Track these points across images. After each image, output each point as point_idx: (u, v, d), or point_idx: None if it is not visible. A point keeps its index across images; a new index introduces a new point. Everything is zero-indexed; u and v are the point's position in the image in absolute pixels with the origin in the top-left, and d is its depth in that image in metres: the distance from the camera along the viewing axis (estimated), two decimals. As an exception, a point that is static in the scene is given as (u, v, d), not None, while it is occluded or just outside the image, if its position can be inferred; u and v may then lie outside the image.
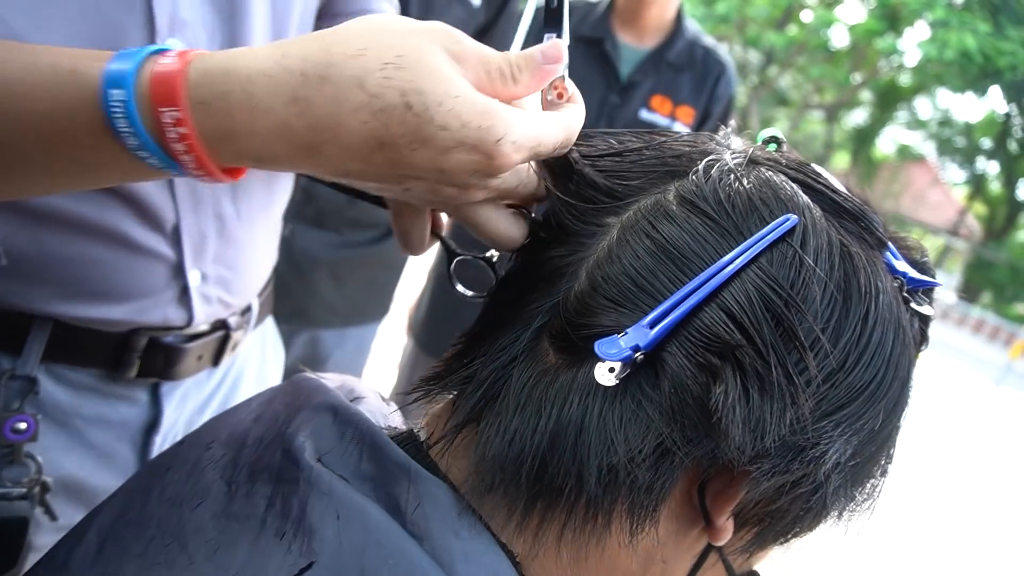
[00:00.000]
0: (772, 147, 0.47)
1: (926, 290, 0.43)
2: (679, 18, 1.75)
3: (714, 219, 0.38)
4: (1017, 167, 19.39)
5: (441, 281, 1.76)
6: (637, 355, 0.35)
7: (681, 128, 1.76)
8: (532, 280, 0.41)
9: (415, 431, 0.43)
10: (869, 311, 0.37)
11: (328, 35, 0.38)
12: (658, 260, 0.37)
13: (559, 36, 0.43)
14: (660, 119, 1.73)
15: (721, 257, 0.36)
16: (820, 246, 0.37)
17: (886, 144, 23.23)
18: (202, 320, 0.70)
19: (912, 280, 0.41)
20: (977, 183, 21.85)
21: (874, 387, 0.37)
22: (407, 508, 0.36)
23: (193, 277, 0.67)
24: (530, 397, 0.38)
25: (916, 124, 21.68)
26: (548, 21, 0.44)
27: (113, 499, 0.47)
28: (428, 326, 1.77)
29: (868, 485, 0.41)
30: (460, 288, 0.49)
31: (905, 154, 22.69)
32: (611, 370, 0.36)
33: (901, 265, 0.42)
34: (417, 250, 0.49)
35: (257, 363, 0.87)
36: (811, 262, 0.36)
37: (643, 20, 1.70)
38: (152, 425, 0.72)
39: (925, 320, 0.43)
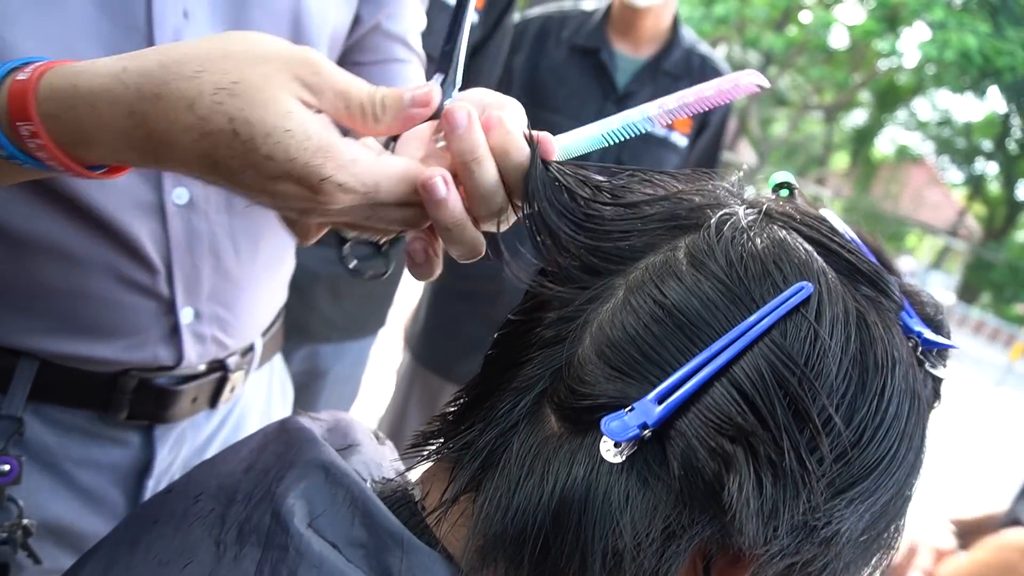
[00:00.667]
0: (784, 192, 0.45)
1: (940, 350, 0.41)
2: (675, 26, 1.74)
3: (726, 284, 0.36)
4: (1016, 168, 19.37)
5: (437, 294, 1.75)
6: (645, 432, 0.34)
7: (679, 138, 1.72)
8: (533, 342, 0.40)
9: (409, 490, 0.42)
10: (886, 384, 0.36)
11: (171, 52, 0.38)
12: (665, 328, 0.35)
13: (447, 79, 0.42)
14: (658, 130, 1.71)
15: (732, 326, 0.35)
16: (836, 316, 0.35)
17: (885, 144, 23.22)
18: (194, 360, 0.68)
19: (927, 341, 0.40)
20: (976, 184, 21.84)
21: (888, 461, 0.36)
22: None
23: (185, 315, 0.65)
24: (532, 469, 0.36)
25: (915, 125, 21.68)
26: (440, 61, 0.42)
27: (98, 552, 0.46)
28: (424, 339, 1.75)
29: (875, 559, 0.40)
30: (353, 264, 0.49)
31: (904, 154, 22.68)
32: (617, 445, 0.34)
33: (916, 324, 0.40)
34: (303, 241, 0.49)
35: (263, 403, 0.85)
36: (826, 336, 0.35)
37: (639, 30, 1.68)
38: (144, 469, 0.70)
39: (939, 380, 0.41)
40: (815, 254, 0.38)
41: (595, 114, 1.69)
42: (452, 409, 0.42)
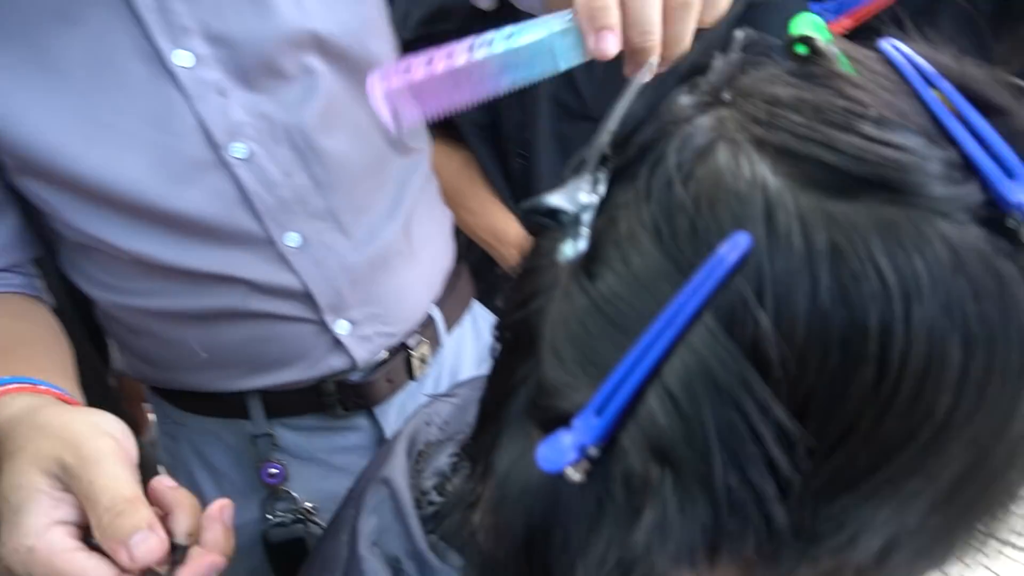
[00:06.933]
0: (802, 49, 0.32)
1: None
2: None
3: (653, 255, 0.28)
4: None
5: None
6: (589, 451, 0.29)
7: None
8: (520, 340, 0.35)
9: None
10: (892, 339, 0.25)
11: None
12: (597, 321, 0.29)
13: None
14: None
15: (665, 310, 0.27)
16: (791, 269, 0.26)
17: None
18: (368, 357, 0.78)
19: None
20: None
21: (932, 429, 0.26)
22: None
23: (341, 327, 0.74)
24: (509, 490, 0.34)
25: None
26: None
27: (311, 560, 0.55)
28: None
29: (999, 511, 0.29)
30: None
31: None
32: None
33: (1020, 188, 0.26)
34: None
35: (472, 347, 0.92)
36: (769, 314, 0.26)
37: None
38: (381, 440, 0.83)
39: None
40: (769, 180, 0.27)
41: None
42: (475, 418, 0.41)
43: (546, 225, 0.34)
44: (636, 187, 0.30)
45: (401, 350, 0.80)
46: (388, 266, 0.76)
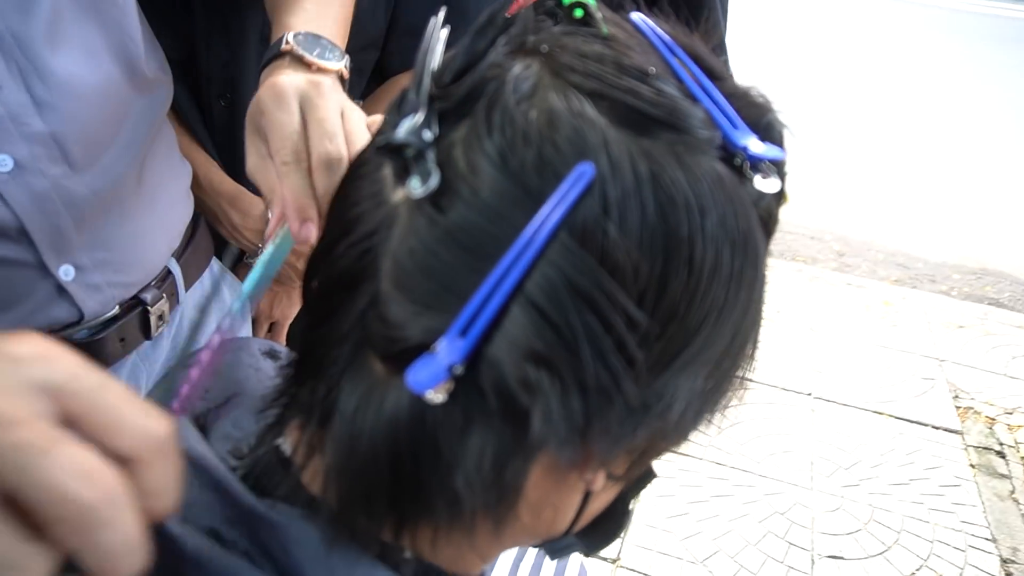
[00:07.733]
0: (579, 13, 0.38)
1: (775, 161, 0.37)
2: None
3: (503, 185, 0.32)
4: None
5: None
6: (455, 370, 0.32)
7: None
8: (345, 276, 0.36)
9: (280, 446, 0.41)
10: (695, 246, 0.33)
11: None
12: (451, 250, 0.32)
13: None
14: None
15: (519, 234, 0.31)
16: (626, 192, 0.32)
17: None
18: (99, 309, 0.69)
19: (753, 156, 0.36)
20: None
21: (716, 314, 0.34)
22: (279, 556, 0.36)
23: (65, 272, 0.65)
24: (362, 426, 0.35)
25: None
26: None
27: None
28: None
29: (733, 383, 0.39)
30: None
31: None
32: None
33: (742, 135, 0.36)
34: None
35: (215, 309, 0.87)
36: (616, 220, 0.31)
37: None
38: None
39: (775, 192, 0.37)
40: (596, 119, 0.32)
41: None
42: (291, 366, 0.41)
43: (375, 163, 0.36)
44: (473, 124, 0.34)
45: (137, 305, 0.73)
46: (120, 207, 0.68)
